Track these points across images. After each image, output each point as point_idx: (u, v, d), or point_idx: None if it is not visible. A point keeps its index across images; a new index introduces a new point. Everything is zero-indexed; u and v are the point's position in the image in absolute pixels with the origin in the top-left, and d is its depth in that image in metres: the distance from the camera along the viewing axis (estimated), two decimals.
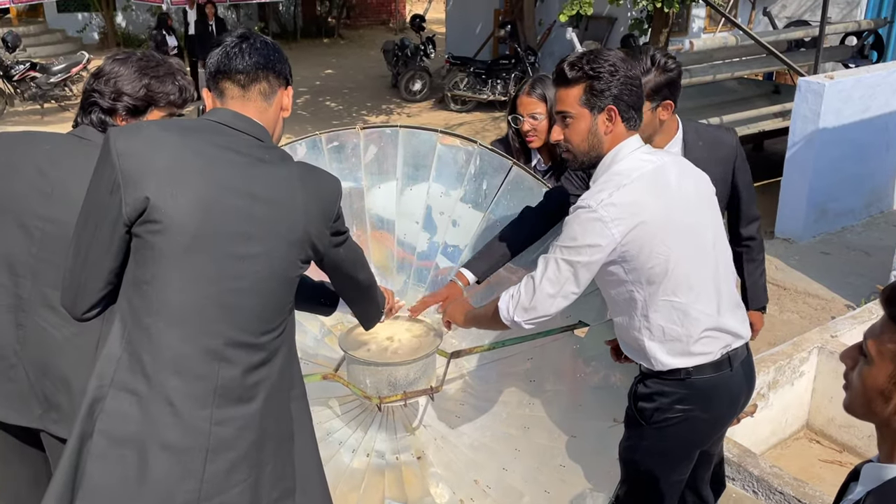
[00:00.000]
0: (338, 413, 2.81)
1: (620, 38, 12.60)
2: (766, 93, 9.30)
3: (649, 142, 2.68)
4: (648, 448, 2.28)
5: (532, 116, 2.93)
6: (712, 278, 2.20)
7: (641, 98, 2.16)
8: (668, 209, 2.11)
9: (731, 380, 2.25)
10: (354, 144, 2.90)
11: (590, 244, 2.06)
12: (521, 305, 2.17)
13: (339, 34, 21.21)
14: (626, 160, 2.15)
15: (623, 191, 2.07)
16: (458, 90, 12.58)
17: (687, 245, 2.14)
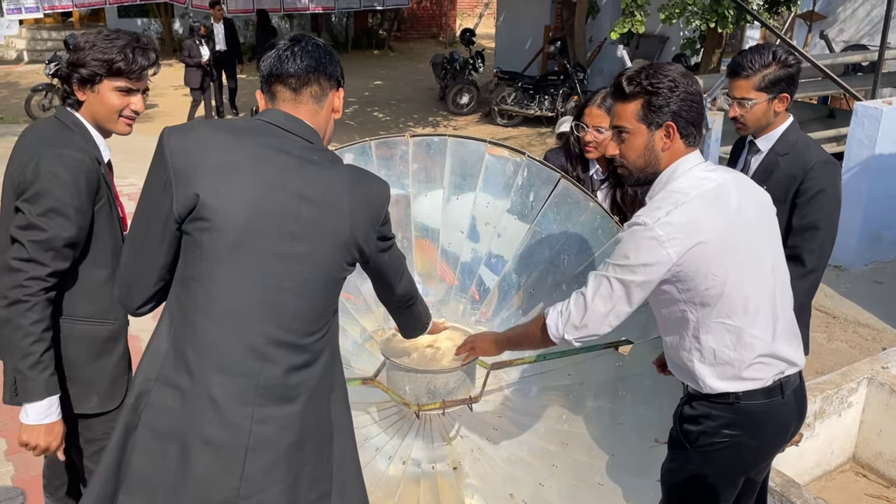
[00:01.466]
0: (376, 419, 2.81)
1: (672, 57, 12.50)
2: (821, 117, 9.13)
3: (761, 132, 2.82)
4: (692, 472, 2.22)
5: (597, 129, 2.90)
6: (769, 302, 2.14)
7: (702, 114, 2.12)
8: (727, 230, 2.05)
9: (782, 407, 2.18)
10: (403, 152, 2.91)
11: (644, 263, 2.01)
12: (572, 323, 2.12)
13: (390, 46, 21.42)
14: (685, 177, 2.10)
15: (681, 209, 2.02)
16: (505, 105, 12.58)
17: (745, 267, 2.08)
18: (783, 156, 2.80)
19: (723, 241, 2.04)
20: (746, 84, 2.71)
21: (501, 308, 2.98)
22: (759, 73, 2.68)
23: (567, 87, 12.36)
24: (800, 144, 2.80)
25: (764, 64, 2.66)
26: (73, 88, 2.28)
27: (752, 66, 2.67)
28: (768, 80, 2.67)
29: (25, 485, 3.46)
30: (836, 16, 12.04)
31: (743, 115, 2.76)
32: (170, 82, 15.42)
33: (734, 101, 2.77)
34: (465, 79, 13.83)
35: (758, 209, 2.18)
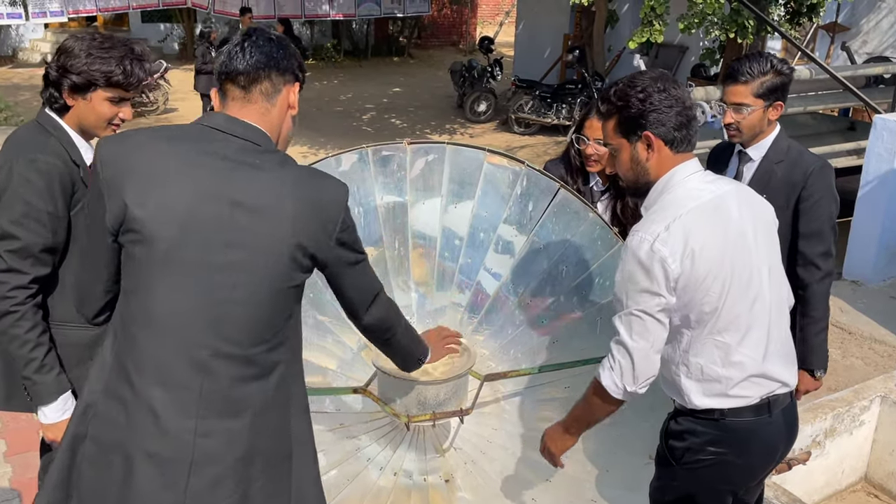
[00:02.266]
0: (368, 429, 2.77)
1: (691, 67, 12.41)
2: (841, 129, 8.99)
3: (751, 141, 2.80)
4: (679, 489, 2.19)
5: (598, 141, 2.86)
6: (763, 321, 2.09)
7: (688, 116, 2.05)
8: (724, 244, 2.01)
9: (769, 427, 2.13)
10: (401, 159, 2.89)
11: (657, 283, 1.98)
12: (627, 374, 2.04)
13: (409, 53, 21.48)
14: (679, 188, 2.05)
15: (679, 222, 1.98)
16: (523, 113, 12.56)
17: (740, 284, 2.03)
18: (778, 163, 2.81)
19: (720, 256, 2.00)
20: (744, 90, 2.71)
21: (499, 318, 2.94)
22: (758, 80, 2.68)
23: (585, 96, 12.32)
24: (793, 151, 2.82)
25: (762, 71, 2.68)
26: (63, 93, 2.26)
27: (751, 73, 2.68)
28: (766, 87, 2.69)
29: (23, 487, 3.46)
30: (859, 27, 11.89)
31: (739, 121, 2.76)
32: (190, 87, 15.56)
33: (730, 107, 2.76)
34: (482, 87, 13.83)
35: (757, 224, 2.13)
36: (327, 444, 2.66)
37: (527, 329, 2.89)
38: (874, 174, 6.19)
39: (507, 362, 2.87)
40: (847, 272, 6.40)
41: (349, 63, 19.62)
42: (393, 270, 2.97)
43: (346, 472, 2.61)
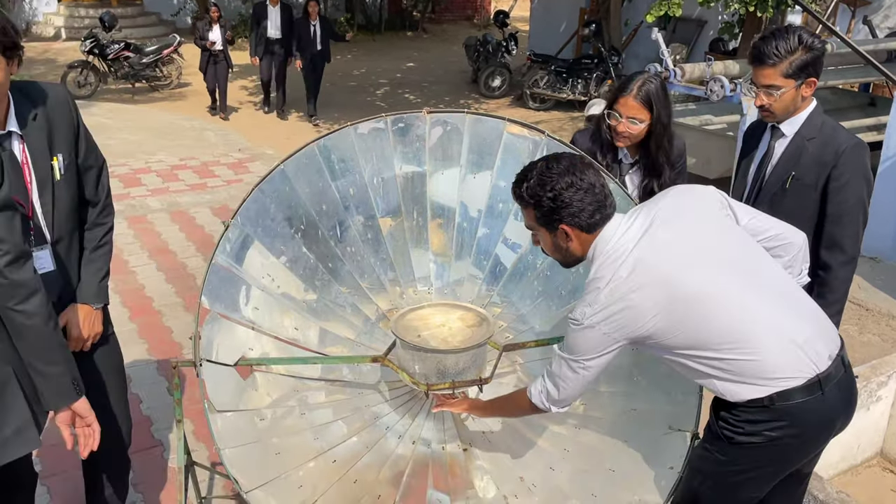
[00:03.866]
0: (387, 398, 2.79)
1: (709, 41, 12.24)
2: (861, 105, 8.87)
3: (788, 117, 2.71)
4: (727, 463, 2.15)
5: (630, 120, 2.81)
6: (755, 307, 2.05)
7: (600, 199, 2.10)
8: (666, 284, 2.01)
9: (823, 403, 2.07)
10: (420, 128, 2.87)
11: (591, 350, 2.10)
12: (552, 398, 2.25)
13: (423, 28, 21.29)
14: (599, 260, 2.11)
15: (604, 296, 2.03)
16: (538, 88, 12.44)
17: (714, 300, 2.02)
18: (810, 140, 2.71)
19: (661, 298, 2.01)
20: (773, 72, 2.60)
21: (517, 288, 2.93)
22: (786, 60, 2.57)
23: (601, 71, 12.17)
24: (826, 128, 2.72)
25: (790, 49, 2.55)
26: None
27: (778, 53, 2.56)
28: (795, 65, 2.57)
29: None
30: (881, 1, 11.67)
31: (771, 104, 2.66)
32: None
33: (760, 90, 2.66)
34: (497, 61, 13.69)
35: (694, 231, 2.10)
36: (347, 412, 2.68)
37: (545, 300, 2.88)
38: (894, 149, 6.12)
39: (525, 333, 2.86)
40: (865, 248, 6.31)
41: (362, 37, 19.48)
42: (412, 241, 2.97)
43: (365, 440, 2.63)
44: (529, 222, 2.23)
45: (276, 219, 2.69)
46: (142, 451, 3.63)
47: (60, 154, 2.33)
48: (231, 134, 9.67)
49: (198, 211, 6.89)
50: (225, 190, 7.48)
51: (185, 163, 8.34)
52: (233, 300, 2.53)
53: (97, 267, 2.54)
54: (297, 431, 2.54)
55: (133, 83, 12.44)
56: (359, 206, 2.87)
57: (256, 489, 2.26)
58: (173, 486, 3.41)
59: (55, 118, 2.32)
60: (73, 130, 2.37)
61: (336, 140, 2.79)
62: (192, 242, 6.19)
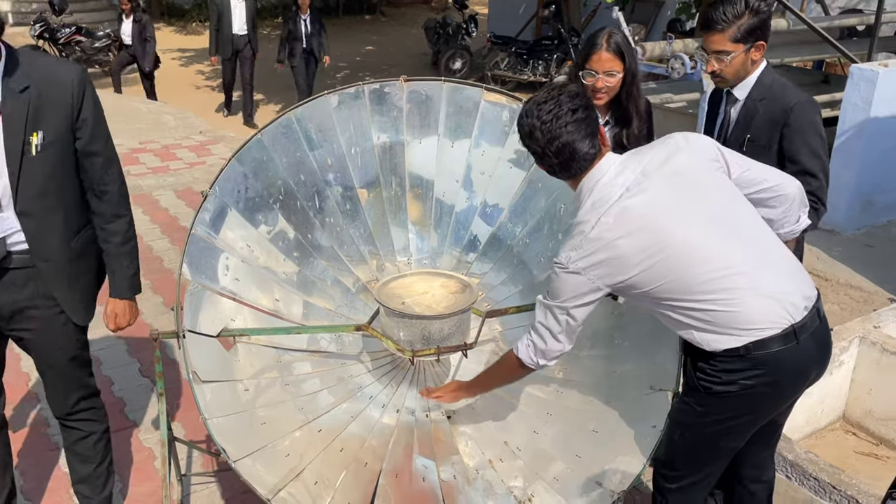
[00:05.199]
0: (369, 368, 2.79)
1: (667, 22, 12.38)
2: (815, 82, 9.07)
3: (740, 81, 2.73)
4: (705, 414, 2.20)
5: (607, 73, 2.81)
6: (738, 256, 2.09)
7: (565, 146, 2.13)
8: (646, 228, 2.04)
9: (797, 353, 2.12)
10: (397, 96, 2.86)
11: (576, 295, 2.13)
12: (540, 350, 2.26)
13: (381, 11, 21.13)
14: (587, 202, 2.14)
15: (589, 242, 2.06)
16: (499, 70, 12.46)
17: (683, 247, 2.05)
18: (761, 101, 2.74)
19: (646, 245, 2.04)
20: (721, 37, 2.60)
21: (497, 256, 2.95)
22: (734, 25, 2.57)
23: (561, 53, 12.24)
24: (776, 86, 2.73)
25: (737, 14, 2.56)
26: None
27: (726, 19, 2.56)
28: (743, 30, 2.58)
29: None
30: None
31: (722, 69, 2.68)
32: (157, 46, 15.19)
33: (711, 56, 2.68)
34: (457, 44, 13.67)
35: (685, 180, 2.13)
36: (331, 383, 2.67)
37: (525, 267, 2.90)
38: (850, 123, 6.27)
39: (506, 300, 2.88)
40: (823, 221, 6.49)
41: None
42: (390, 211, 2.96)
43: (349, 409, 2.63)
44: None
45: (254, 189, 2.66)
46: (116, 432, 3.56)
47: (42, 132, 2.28)
48: (190, 117, 9.50)
49: (161, 194, 6.76)
50: (188, 172, 7.35)
51: (145, 146, 8.18)
52: (213, 271, 2.51)
53: (128, 261, 2.56)
54: (282, 402, 2.53)
55: (85, 68, 12.12)
56: (337, 177, 2.85)
57: (245, 458, 2.24)
58: (149, 466, 3.37)
59: (48, 96, 2.27)
60: (70, 113, 2.31)
61: (313, 109, 2.77)
62: (157, 225, 6.08)
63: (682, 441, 2.30)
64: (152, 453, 3.44)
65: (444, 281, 2.67)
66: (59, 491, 3.21)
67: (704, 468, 2.33)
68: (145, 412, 3.73)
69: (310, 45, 9.66)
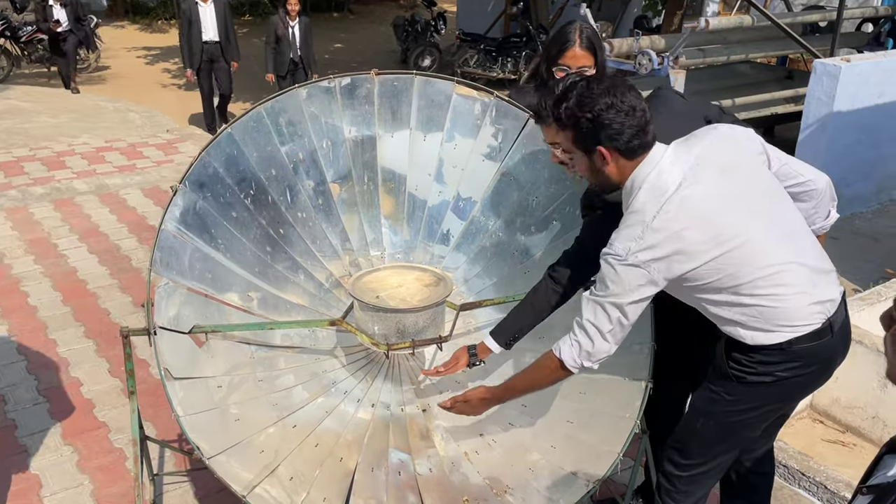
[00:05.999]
0: (343, 363, 2.77)
1: (633, 18, 12.49)
2: (779, 78, 9.21)
3: None
4: (735, 402, 2.20)
5: (581, 69, 2.74)
6: (790, 257, 2.07)
7: (640, 125, 2.01)
8: (708, 223, 1.99)
9: (830, 345, 2.14)
10: (368, 90, 2.85)
11: (632, 290, 2.01)
12: (586, 351, 2.11)
13: (349, 9, 21.02)
14: (643, 191, 2.03)
15: (649, 233, 1.97)
16: (468, 67, 12.46)
17: (737, 241, 2.02)
18: None
19: (707, 236, 1.98)
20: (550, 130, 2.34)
21: (471, 249, 2.95)
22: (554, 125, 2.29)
23: (530, 50, 12.28)
24: None
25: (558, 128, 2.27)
26: None
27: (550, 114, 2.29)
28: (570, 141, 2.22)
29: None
30: None
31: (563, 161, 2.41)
32: (122, 44, 15.01)
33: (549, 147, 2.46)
34: (426, 41, 13.65)
35: (734, 174, 2.08)
36: (305, 378, 2.66)
37: (498, 260, 2.91)
38: (814, 117, 6.37)
39: (480, 293, 2.89)
40: None
41: None
42: (363, 205, 2.95)
43: (324, 404, 2.62)
44: (565, 145, 2.12)
45: (224, 184, 2.63)
46: (86, 433, 3.52)
47: None
48: (157, 115, 9.37)
49: (128, 192, 6.67)
50: (155, 171, 7.25)
51: (111, 145, 8.05)
52: (184, 267, 2.47)
53: None
54: (256, 398, 2.51)
55: (49, 66, 11.90)
56: (309, 171, 2.83)
57: (219, 455, 2.22)
58: (120, 466, 3.32)
59: None
60: None
61: (283, 103, 2.75)
62: (124, 224, 5.99)
63: (704, 429, 2.30)
64: (123, 453, 3.39)
65: (419, 274, 2.67)
66: (29, 494, 3.15)
67: (718, 457, 2.34)
68: (115, 412, 3.68)
69: (300, 55, 8.77)
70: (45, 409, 3.69)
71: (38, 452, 3.39)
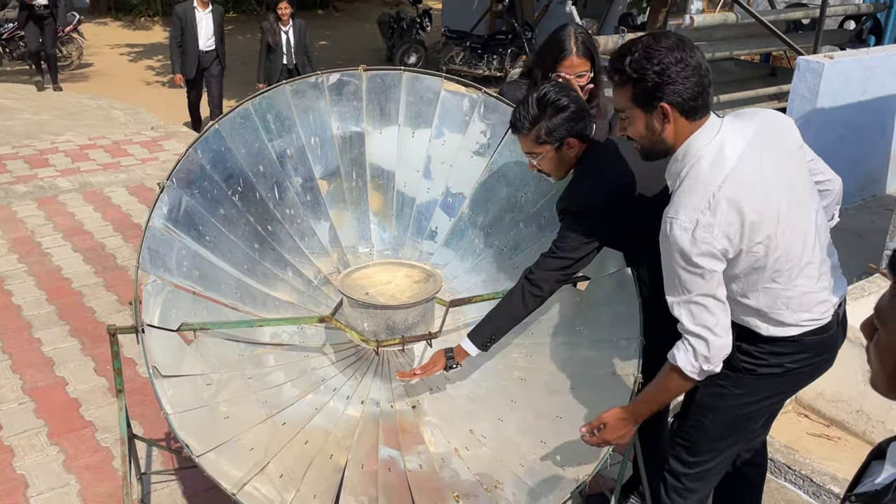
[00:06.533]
0: (332, 360, 2.77)
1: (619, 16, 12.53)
2: (763, 75, 9.28)
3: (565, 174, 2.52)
4: (743, 395, 2.23)
5: (580, 75, 2.77)
6: (816, 248, 2.10)
7: (703, 84, 1.96)
8: (764, 202, 1.97)
9: (836, 336, 2.21)
10: (356, 86, 2.84)
11: (704, 272, 1.96)
12: (703, 356, 2.05)
13: (334, 6, 20.95)
14: (703, 159, 1.98)
15: (717, 200, 1.93)
16: (454, 64, 12.46)
17: (786, 230, 2.03)
18: None
19: (760, 213, 1.97)
20: (526, 140, 2.45)
21: (460, 245, 2.95)
22: (534, 129, 2.40)
23: (515, 47, 12.29)
24: None
25: (533, 118, 2.38)
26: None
27: (523, 125, 2.40)
28: (544, 132, 2.39)
29: None
30: None
31: (540, 167, 2.51)
32: (105, 41, 14.89)
33: (527, 156, 2.52)
34: (412, 38, 13.64)
35: (781, 160, 2.06)
36: (294, 376, 2.65)
37: (488, 256, 2.91)
38: (798, 114, 6.41)
39: (469, 289, 2.89)
40: None
41: None
42: (351, 202, 2.94)
43: (313, 402, 2.61)
44: (622, 103, 2.04)
45: (212, 180, 2.62)
46: (72, 433, 3.49)
47: None
48: (141, 113, 9.31)
49: (113, 190, 6.62)
50: (140, 168, 7.20)
51: (95, 142, 7.99)
52: (172, 264, 2.46)
53: None
54: (245, 395, 2.50)
55: (31, 64, 11.78)
56: (297, 167, 2.82)
57: (208, 453, 2.21)
58: (107, 465, 3.30)
59: None
60: None
61: (271, 99, 2.73)
62: (109, 222, 5.95)
63: (713, 424, 2.32)
64: (110, 453, 3.37)
65: (408, 271, 2.66)
66: (15, 494, 3.12)
67: (726, 451, 2.37)
68: (102, 412, 3.65)
69: (293, 62, 8.27)
70: (31, 409, 3.66)
71: (23, 452, 3.36)
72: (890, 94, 6.68)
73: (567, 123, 2.39)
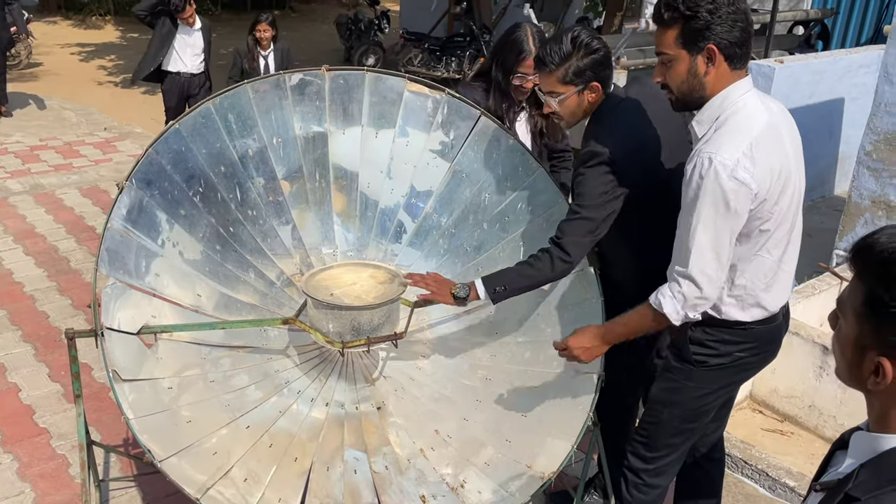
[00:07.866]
0: (296, 362, 2.75)
1: (575, 19, 12.66)
2: None
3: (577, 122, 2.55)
4: (693, 389, 2.30)
5: None
6: (797, 233, 2.19)
7: (749, 33, 2.00)
8: (785, 166, 2.04)
9: (779, 327, 2.30)
10: (319, 86, 2.82)
11: (731, 213, 1.98)
12: (691, 304, 2.08)
13: (291, 7, 20.77)
14: (742, 109, 2.02)
15: (756, 147, 1.97)
16: (412, 66, 12.44)
17: (791, 202, 2.11)
18: None
19: (784, 178, 2.04)
20: (551, 78, 2.41)
21: (424, 246, 2.95)
22: (563, 66, 2.38)
23: (473, 49, 12.32)
24: None
25: (564, 55, 2.36)
26: None
27: (553, 60, 2.37)
28: (572, 71, 2.37)
29: None
30: None
31: (556, 110, 2.48)
32: (55, 41, 14.53)
33: (544, 97, 2.48)
34: (370, 40, 13.58)
35: (795, 143, 2.15)
36: (257, 378, 2.62)
37: (451, 257, 2.92)
38: None
39: None
40: None
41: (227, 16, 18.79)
42: (315, 203, 2.92)
43: (277, 404, 2.58)
44: (667, 45, 2.04)
45: (173, 181, 2.58)
46: (26, 440, 3.40)
47: None
48: (94, 113, 9.10)
49: (65, 192, 6.46)
50: (93, 170, 7.04)
51: (46, 143, 7.79)
52: (131, 266, 2.41)
53: None
54: (207, 399, 2.46)
55: None
56: (259, 168, 2.80)
57: (171, 457, 2.18)
58: (63, 473, 3.22)
59: None
60: None
61: (233, 99, 2.70)
62: (62, 224, 5.81)
63: (669, 419, 2.38)
64: (66, 460, 3.29)
65: (373, 271, 2.66)
66: None
67: (681, 445, 2.44)
68: (57, 418, 3.57)
69: None
70: None
71: None
72: (838, 98, 6.87)
73: (596, 66, 2.40)
